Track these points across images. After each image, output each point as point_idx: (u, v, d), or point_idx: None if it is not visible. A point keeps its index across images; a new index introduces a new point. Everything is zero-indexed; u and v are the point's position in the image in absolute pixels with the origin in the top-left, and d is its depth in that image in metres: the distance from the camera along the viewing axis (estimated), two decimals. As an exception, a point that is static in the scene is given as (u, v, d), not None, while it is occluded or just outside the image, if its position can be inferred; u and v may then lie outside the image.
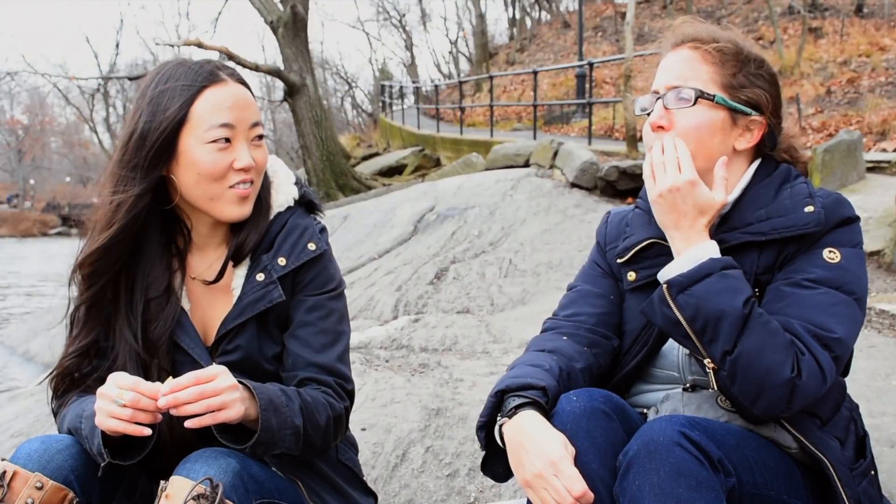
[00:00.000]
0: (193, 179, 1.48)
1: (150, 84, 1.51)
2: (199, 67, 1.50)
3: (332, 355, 1.57)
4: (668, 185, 1.41)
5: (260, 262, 1.55)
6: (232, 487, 1.30)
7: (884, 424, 2.51)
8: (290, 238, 1.58)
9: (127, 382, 1.31)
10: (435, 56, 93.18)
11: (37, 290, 15.55)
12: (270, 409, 1.38)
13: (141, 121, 1.47)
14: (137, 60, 43.50)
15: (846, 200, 1.46)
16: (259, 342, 1.55)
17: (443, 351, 4.01)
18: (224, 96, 1.49)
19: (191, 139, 1.47)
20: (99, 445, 1.34)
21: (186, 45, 17.48)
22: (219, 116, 1.47)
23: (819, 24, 17.09)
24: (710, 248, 1.40)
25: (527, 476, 1.28)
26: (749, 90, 1.48)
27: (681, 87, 1.47)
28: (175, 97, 1.47)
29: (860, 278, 1.41)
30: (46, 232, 48.15)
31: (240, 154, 1.49)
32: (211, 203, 1.50)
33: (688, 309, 1.34)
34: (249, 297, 1.54)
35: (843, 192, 6.66)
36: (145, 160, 1.47)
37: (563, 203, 7.63)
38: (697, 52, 1.49)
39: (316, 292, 1.58)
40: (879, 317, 3.92)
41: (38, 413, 3.69)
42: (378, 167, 17.66)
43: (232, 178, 1.49)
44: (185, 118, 1.46)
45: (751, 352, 1.30)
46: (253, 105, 1.53)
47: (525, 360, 1.50)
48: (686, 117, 1.46)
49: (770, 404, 1.31)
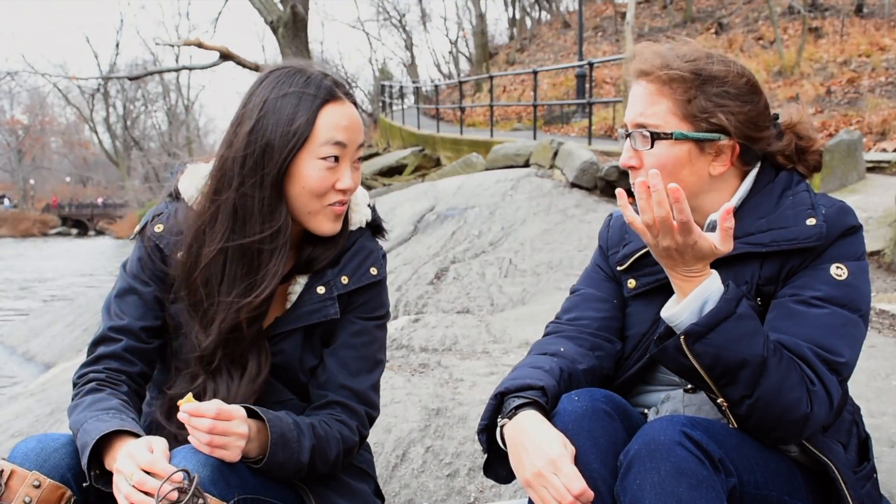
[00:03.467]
0: (297, 191, 1.49)
1: (264, 87, 1.49)
2: (319, 80, 1.49)
3: (366, 382, 1.58)
4: (664, 245, 1.30)
5: (323, 276, 1.57)
6: (211, 481, 1.30)
7: (884, 424, 2.51)
8: (357, 259, 1.60)
9: (143, 461, 1.28)
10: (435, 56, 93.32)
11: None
12: (280, 444, 1.39)
13: (261, 128, 1.46)
14: (137, 60, 43.55)
15: (849, 209, 1.43)
16: (301, 352, 1.57)
17: (443, 351, 4.01)
18: (342, 115, 1.50)
19: (306, 153, 1.47)
20: (85, 466, 1.34)
21: (186, 44, 17.52)
22: (336, 134, 1.48)
23: (819, 24, 17.10)
24: (713, 284, 1.32)
25: (527, 475, 1.28)
26: (711, 115, 1.42)
27: (643, 125, 1.44)
28: (300, 109, 1.46)
29: (865, 293, 1.40)
30: (46, 232, 48.16)
31: (343, 175, 1.50)
32: (308, 217, 1.51)
33: (706, 358, 1.28)
34: (307, 307, 1.55)
35: (843, 193, 6.68)
36: (275, 174, 1.46)
37: (563, 203, 7.62)
38: (652, 84, 1.45)
39: (366, 316, 1.60)
40: (879, 317, 3.92)
41: (39, 413, 3.69)
42: (378, 167, 17.64)
43: (332, 197, 1.51)
44: (311, 133, 1.46)
45: (769, 395, 1.28)
46: (361, 127, 1.55)
47: (526, 363, 1.50)
48: (650, 158, 1.44)
49: (783, 437, 1.33)
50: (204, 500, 1.26)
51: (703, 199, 1.47)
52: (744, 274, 1.42)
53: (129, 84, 41.93)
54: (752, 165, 1.49)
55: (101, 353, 1.53)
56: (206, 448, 1.32)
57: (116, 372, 1.52)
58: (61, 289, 16.67)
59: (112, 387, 1.51)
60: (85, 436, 1.36)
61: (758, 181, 1.49)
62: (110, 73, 34.71)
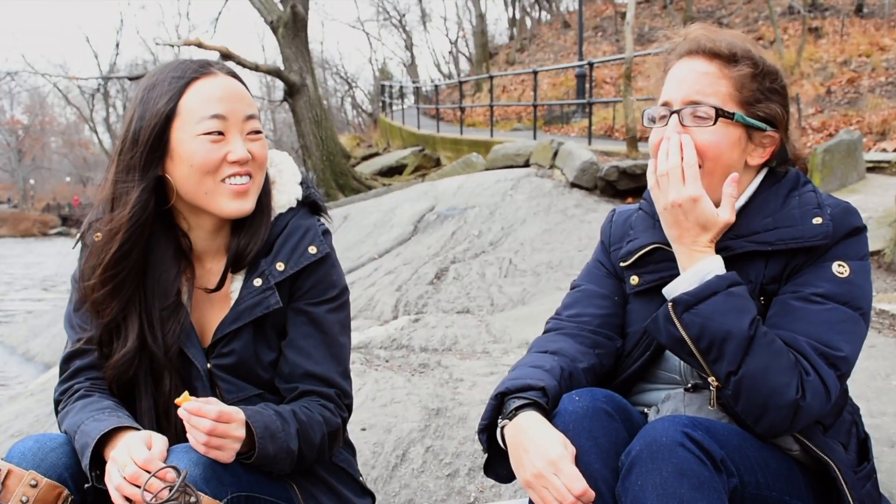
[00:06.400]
0: (186, 172, 1.45)
1: (141, 86, 1.50)
2: (188, 63, 1.49)
3: (333, 369, 1.55)
4: (671, 199, 1.38)
5: (258, 267, 1.52)
6: (205, 480, 1.29)
7: (884, 424, 2.51)
8: (291, 241, 1.53)
9: (139, 457, 1.28)
10: (435, 56, 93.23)
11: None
12: (267, 437, 1.38)
13: (133, 121, 1.46)
14: (137, 60, 43.61)
15: (854, 210, 1.43)
16: (255, 348, 1.53)
17: (443, 351, 4.00)
18: (214, 88, 1.46)
19: (182, 133, 1.44)
20: (86, 467, 1.34)
21: (186, 45, 17.49)
22: (209, 108, 1.44)
23: (819, 24, 17.10)
24: (714, 264, 1.37)
25: (527, 476, 1.28)
26: (765, 105, 1.43)
27: (699, 103, 1.42)
28: (164, 92, 1.45)
29: (867, 292, 1.40)
30: (46, 232, 48.15)
31: (234, 146, 1.45)
32: (206, 198, 1.47)
33: (693, 328, 1.32)
34: (246, 303, 1.51)
35: (843, 193, 6.68)
36: (140, 159, 1.44)
37: (563, 203, 7.62)
38: (714, 64, 1.43)
39: (316, 301, 1.54)
40: (879, 317, 3.91)
41: (38, 413, 3.68)
42: (378, 167, 17.66)
43: (225, 170, 1.46)
44: (175, 111, 1.44)
45: (755, 373, 1.29)
46: (246, 98, 1.50)
47: (526, 362, 1.49)
48: (704, 135, 1.41)
49: (773, 424, 1.31)
50: (196, 497, 1.25)
51: (723, 191, 1.45)
52: (749, 273, 1.42)
53: (129, 84, 41.86)
54: (778, 164, 1.50)
55: (79, 367, 1.53)
56: (202, 448, 1.31)
57: (99, 380, 1.52)
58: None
59: (99, 391, 1.51)
60: (84, 437, 1.36)
61: (766, 180, 1.49)
62: (110, 73, 34.70)
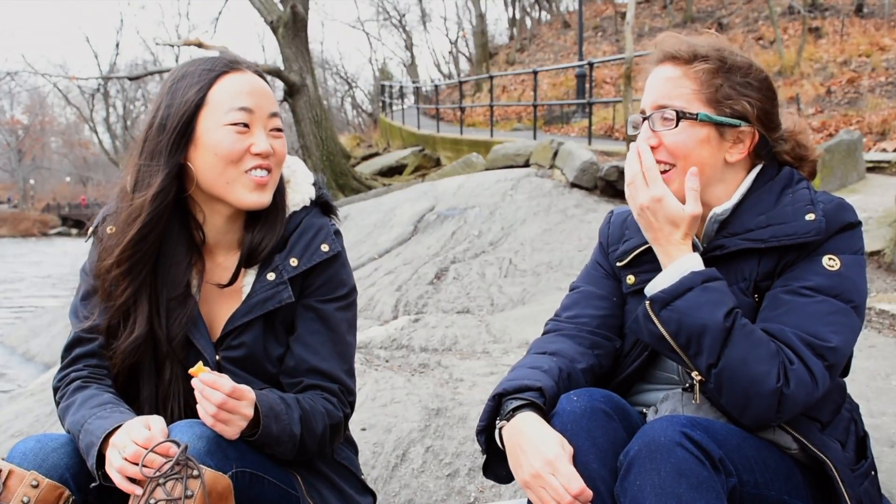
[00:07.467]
0: (210, 161, 1.48)
1: (170, 77, 1.53)
2: (219, 58, 1.53)
3: (338, 366, 1.57)
4: (639, 203, 1.43)
5: (272, 262, 1.56)
6: (208, 453, 1.31)
7: (884, 424, 2.51)
8: (304, 238, 1.57)
9: (140, 437, 1.30)
10: (435, 56, 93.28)
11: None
12: (271, 416, 1.40)
13: (161, 108, 1.49)
14: (137, 60, 43.59)
15: (848, 206, 1.44)
16: (264, 342, 1.56)
17: (443, 351, 4.01)
18: (242, 82, 1.51)
19: (209, 122, 1.48)
20: (93, 466, 1.35)
21: (186, 45, 17.50)
22: (237, 100, 1.49)
23: (819, 24, 17.10)
24: (691, 261, 1.40)
25: (525, 476, 1.28)
26: (734, 101, 1.45)
27: (665, 106, 1.46)
28: (194, 83, 1.49)
29: (859, 285, 1.40)
30: (46, 232, 48.15)
31: (258, 139, 1.50)
32: (227, 187, 1.50)
33: (670, 324, 1.35)
34: (259, 296, 1.54)
35: (843, 192, 6.68)
36: (167, 145, 1.47)
37: (563, 203, 7.62)
38: (679, 68, 1.48)
39: (325, 298, 1.58)
40: (879, 317, 3.91)
41: (38, 413, 3.68)
42: (378, 167, 17.64)
43: (248, 161, 1.49)
44: (203, 101, 1.48)
45: (734, 364, 1.30)
46: (271, 96, 1.56)
47: (524, 363, 1.50)
48: (670, 136, 1.45)
49: (758, 414, 1.32)
50: (199, 471, 1.26)
51: (712, 191, 1.48)
52: (742, 270, 1.43)
53: (129, 84, 41.96)
54: (766, 161, 1.51)
55: (79, 354, 1.54)
56: (209, 419, 1.33)
57: (98, 368, 1.54)
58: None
59: (97, 381, 1.52)
60: (89, 436, 1.37)
61: (759, 177, 1.50)
62: (110, 73, 34.68)
